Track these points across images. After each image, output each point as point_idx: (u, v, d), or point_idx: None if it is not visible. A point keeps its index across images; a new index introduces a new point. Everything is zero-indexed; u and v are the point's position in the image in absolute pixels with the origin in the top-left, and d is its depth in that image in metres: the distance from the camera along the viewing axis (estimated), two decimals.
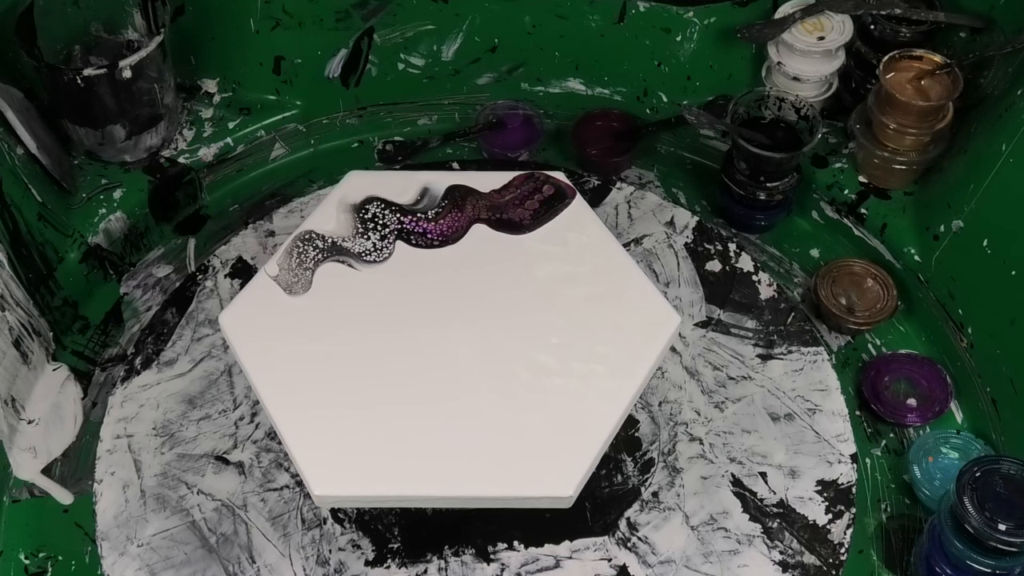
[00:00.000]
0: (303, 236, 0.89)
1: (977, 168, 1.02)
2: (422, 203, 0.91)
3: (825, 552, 0.88)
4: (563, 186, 0.94)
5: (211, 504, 0.90)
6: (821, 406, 0.96)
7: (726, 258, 1.06)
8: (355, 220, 0.90)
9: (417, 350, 0.83)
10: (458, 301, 0.86)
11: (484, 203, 0.92)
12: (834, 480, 0.92)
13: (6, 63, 1.11)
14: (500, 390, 0.81)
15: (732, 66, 1.23)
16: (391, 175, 0.94)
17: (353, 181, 0.93)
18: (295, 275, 0.87)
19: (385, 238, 0.89)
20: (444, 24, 1.24)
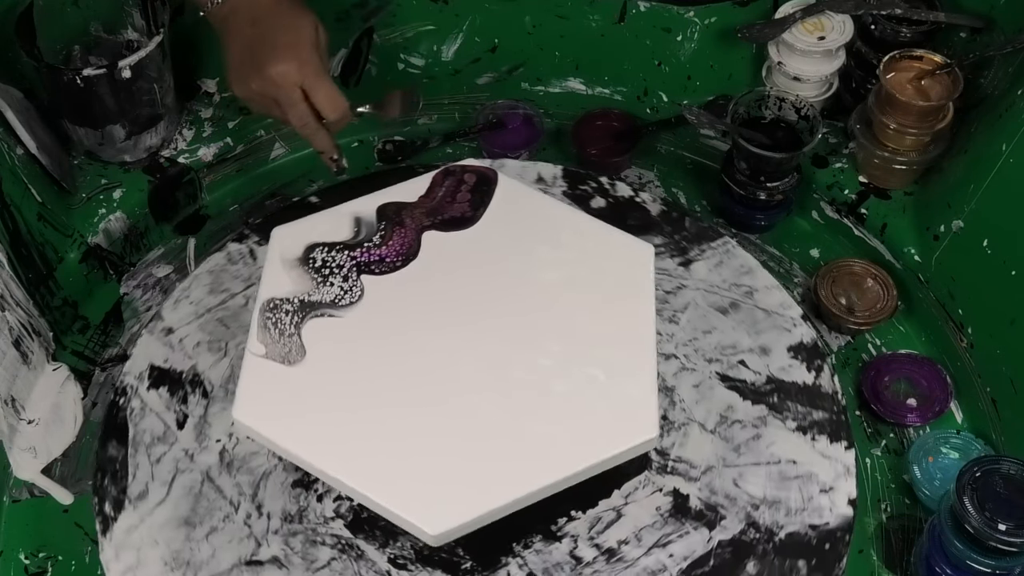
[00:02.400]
0: (267, 307, 0.84)
1: (977, 168, 1.02)
2: (362, 233, 0.89)
3: (827, 404, 0.93)
4: (482, 171, 0.94)
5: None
6: (754, 286, 1.01)
7: (605, 192, 1.07)
8: (308, 272, 0.86)
9: (439, 368, 0.82)
10: (450, 311, 0.85)
11: (420, 211, 0.90)
12: (799, 342, 0.97)
13: (6, 63, 1.11)
14: (530, 376, 0.82)
15: (732, 66, 1.23)
16: (315, 218, 0.91)
17: (283, 236, 0.89)
18: (284, 345, 0.83)
19: (347, 278, 0.86)
20: (444, 24, 1.24)
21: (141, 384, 0.95)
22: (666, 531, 0.86)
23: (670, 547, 0.85)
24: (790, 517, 0.87)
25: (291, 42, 0.97)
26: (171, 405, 0.93)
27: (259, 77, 0.98)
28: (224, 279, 1.01)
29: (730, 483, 0.89)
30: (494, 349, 0.83)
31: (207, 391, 0.94)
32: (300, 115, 1.00)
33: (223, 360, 0.95)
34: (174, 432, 0.91)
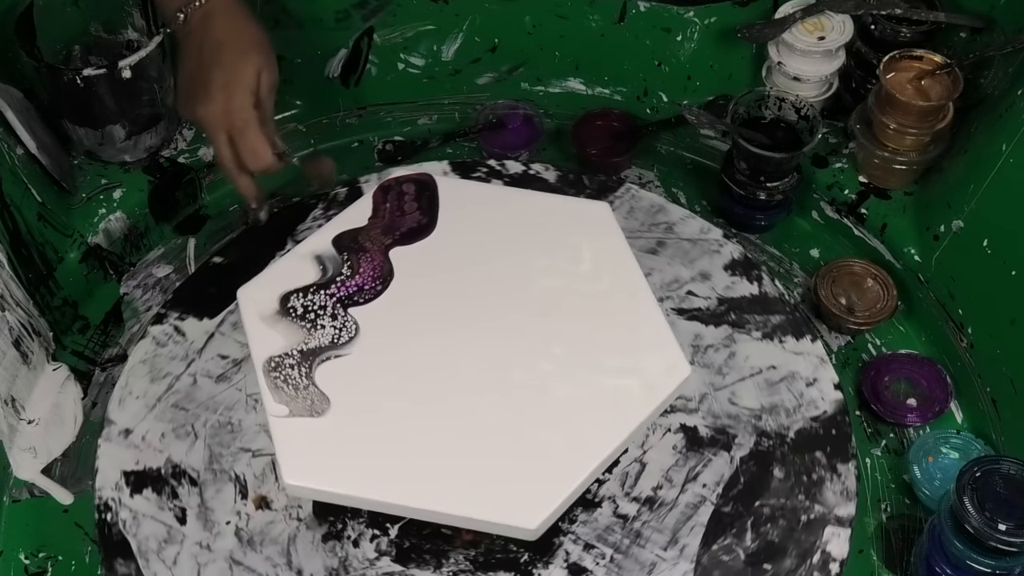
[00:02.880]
0: (270, 367, 0.83)
1: (977, 168, 1.02)
2: (329, 269, 0.88)
3: (779, 308, 0.98)
4: (416, 178, 0.94)
5: None
6: (670, 220, 1.04)
7: (498, 173, 1.07)
8: (294, 322, 0.85)
9: (459, 375, 0.83)
10: (446, 318, 0.86)
11: (376, 232, 0.90)
12: (731, 259, 1.01)
13: (6, 63, 1.11)
14: (550, 361, 0.84)
15: (732, 66, 1.23)
16: (276, 268, 0.89)
17: (251, 295, 0.87)
18: (304, 399, 0.81)
19: (336, 316, 0.85)
20: (444, 24, 1.24)
21: (121, 494, 0.88)
22: (691, 465, 0.89)
23: (700, 478, 0.88)
24: (791, 417, 0.91)
25: (224, 84, 0.95)
26: (163, 504, 0.87)
27: (191, 111, 0.98)
28: (160, 364, 0.94)
29: (727, 403, 0.92)
30: (503, 346, 0.85)
31: (194, 478, 0.88)
32: (221, 157, 0.99)
33: (196, 443, 0.90)
34: (179, 529, 0.86)
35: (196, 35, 0.97)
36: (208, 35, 0.97)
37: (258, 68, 0.97)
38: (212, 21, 0.97)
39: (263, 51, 0.98)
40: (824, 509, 0.86)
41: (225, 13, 0.97)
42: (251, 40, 0.98)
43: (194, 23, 0.97)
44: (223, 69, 0.96)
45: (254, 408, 0.90)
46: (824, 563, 0.84)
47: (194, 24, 0.97)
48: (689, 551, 0.84)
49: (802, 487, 0.87)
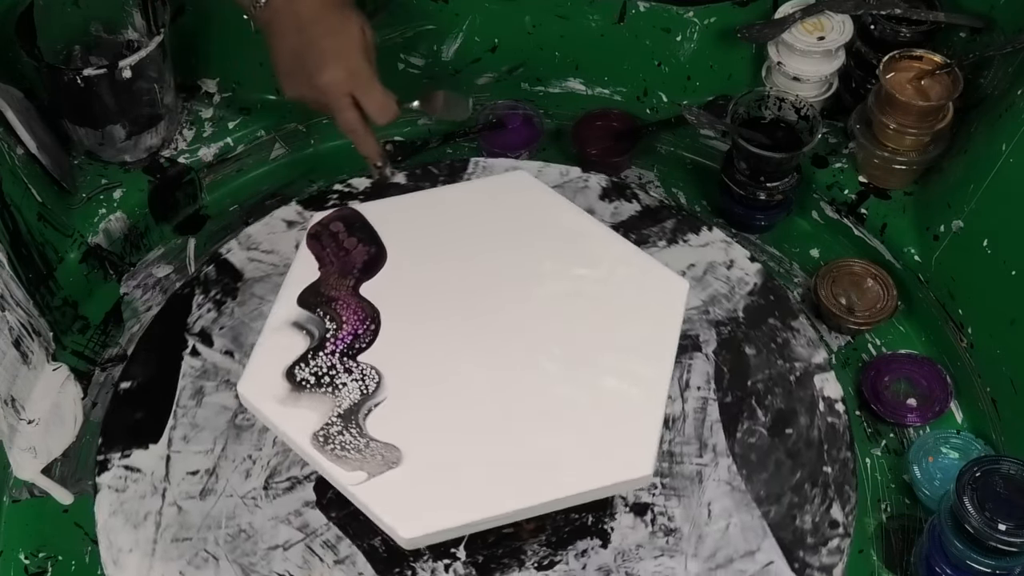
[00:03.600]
0: (319, 443, 0.78)
1: (977, 168, 1.02)
2: (314, 331, 0.84)
3: (664, 213, 1.03)
4: (339, 216, 0.91)
5: None
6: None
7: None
8: (314, 393, 0.81)
9: (499, 389, 0.82)
10: (469, 339, 0.85)
11: (334, 278, 0.87)
12: (600, 188, 1.04)
13: (6, 63, 1.11)
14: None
15: (732, 66, 1.23)
16: (261, 351, 0.83)
17: (254, 387, 0.81)
18: (373, 455, 0.78)
19: (350, 370, 0.82)
20: (444, 24, 1.24)
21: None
22: (677, 376, 0.92)
23: (692, 383, 0.92)
24: (731, 300, 0.97)
25: (338, 49, 0.96)
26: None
27: (309, 85, 0.97)
28: (133, 508, 0.87)
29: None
30: (514, 340, 0.84)
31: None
32: (348, 121, 0.99)
33: (221, 563, 0.84)
34: None
35: (284, 14, 0.97)
36: (300, 9, 0.96)
37: (361, 25, 0.98)
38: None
39: (356, 9, 0.99)
40: (803, 363, 0.93)
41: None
42: (343, 6, 0.98)
43: (278, 4, 0.97)
44: (332, 36, 0.96)
45: (256, 506, 0.86)
46: (830, 407, 0.91)
47: (278, 5, 0.97)
48: (720, 447, 0.88)
49: (775, 353, 0.94)
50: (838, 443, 0.89)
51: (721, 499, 0.86)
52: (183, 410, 0.90)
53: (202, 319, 0.96)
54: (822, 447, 0.89)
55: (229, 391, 0.91)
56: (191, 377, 0.92)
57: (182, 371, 0.93)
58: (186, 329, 0.95)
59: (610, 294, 0.87)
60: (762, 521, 0.85)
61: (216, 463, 0.88)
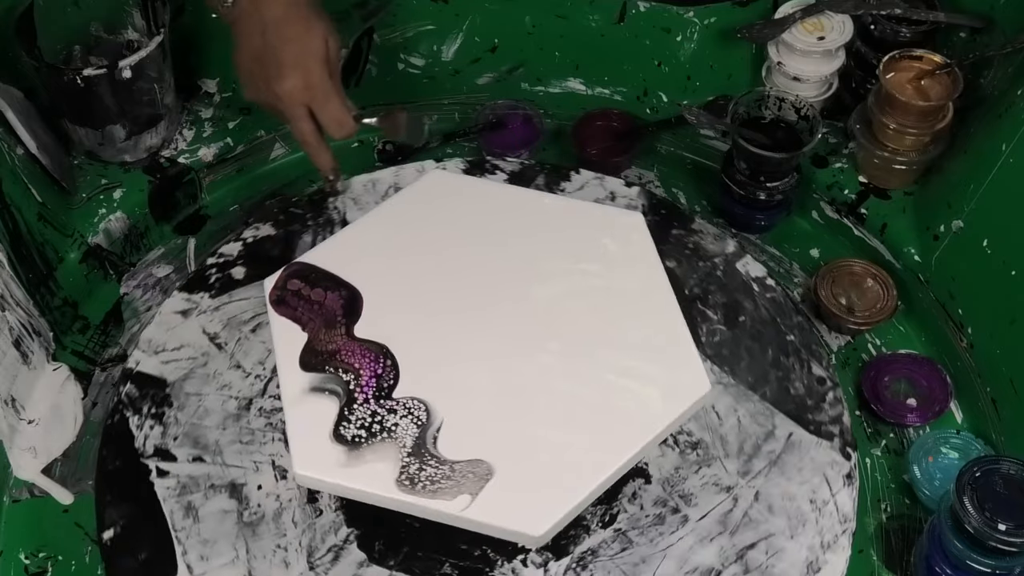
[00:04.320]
0: (407, 486, 0.78)
1: (977, 168, 1.02)
2: (338, 391, 0.83)
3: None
4: (293, 272, 0.90)
5: None
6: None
7: None
8: (372, 445, 0.81)
9: (535, 379, 0.84)
10: (488, 333, 0.86)
11: (322, 333, 0.86)
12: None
13: (6, 63, 1.11)
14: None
15: (732, 66, 1.23)
16: (297, 429, 0.82)
17: (311, 465, 0.80)
18: (464, 476, 0.79)
19: (393, 410, 0.82)
20: (444, 24, 1.24)
21: None
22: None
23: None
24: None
25: (297, 58, 0.95)
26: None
27: (266, 91, 0.97)
28: None
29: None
30: (555, 356, 0.86)
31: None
32: (301, 132, 0.98)
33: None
34: None
35: (250, 16, 0.96)
36: (266, 13, 0.95)
37: (325, 36, 0.96)
38: (266, 1, 0.96)
39: (324, 18, 0.97)
40: (721, 257, 1.00)
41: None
42: (311, 10, 0.97)
43: (244, 4, 0.96)
44: (293, 44, 0.95)
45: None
46: (762, 285, 0.98)
47: (245, 5, 0.96)
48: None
49: (693, 257, 0.99)
50: (785, 312, 0.97)
51: (720, 400, 0.91)
52: (184, 532, 0.85)
53: (150, 439, 0.90)
54: (775, 321, 0.96)
55: (220, 495, 0.87)
56: (173, 498, 0.86)
57: (160, 496, 0.86)
58: (140, 456, 0.89)
59: (587, 255, 0.90)
60: (763, 403, 0.92)
61: (248, 568, 0.83)
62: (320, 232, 1.03)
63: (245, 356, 0.94)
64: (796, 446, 0.90)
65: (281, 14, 0.95)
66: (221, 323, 0.96)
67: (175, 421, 0.91)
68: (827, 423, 0.91)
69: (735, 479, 0.88)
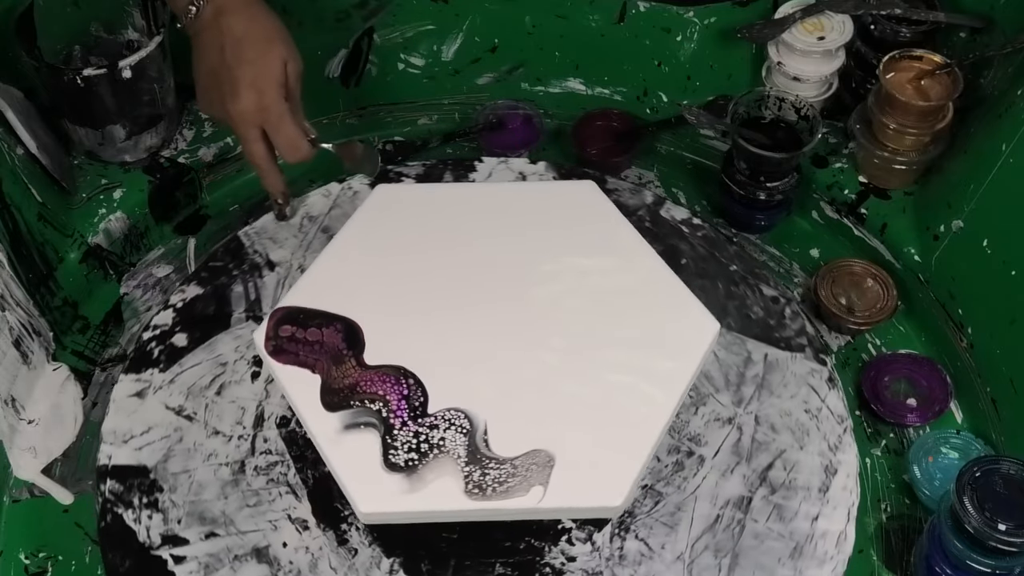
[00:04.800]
0: (476, 493, 0.79)
1: (977, 168, 1.02)
2: (372, 421, 0.82)
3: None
4: (277, 319, 0.87)
5: None
6: None
7: None
8: (427, 466, 0.80)
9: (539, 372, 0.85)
10: (506, 341, 0.86)
11: (334, 371, 0.84)
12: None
13: (6, 63, 1.11)
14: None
15: (732, 66, 1.23)
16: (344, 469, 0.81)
17: (374, 498, 0.79)
18: (529, 470, 0.79)
19: (435, 426, 0.81)
20: (444, 24, 1.24)
21: None
22: None
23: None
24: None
25: (253, 80, 0.93)
26: None
27: (220, 109, 0.96)
28: None
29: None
30: (565, 339, 0.86)
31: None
32: (253, 154, 0.97)
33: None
34: None
35: (211, 31, 0.95)
36: (226, 30, 0.94)
37: (283, 59, 0.95)
38: (228, 15, 0.95)
39: (285, 40, 0.96)
40: (641, 207, 1.04)
41: (240, 6, 0.95)
42: (271, 31, 0.96)
43: (207, 17, 0.95)
44: (249, 64, 0.94)
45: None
46: (689, 224, 1.03)
47: (207, 18, 0.95)
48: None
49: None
50: (720, 245, 1.02)
51: None
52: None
53: (153, 529, 0.86)
54: (714, 255, 1.01)
55: (248, 563, 0.84)
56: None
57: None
58: (148, 549, 0.85)
59: (558, 230, 0.92)
60: (732, 334, 0.96)
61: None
62: (248, 278, 1.01)
63: (220, 420, 0.91)
64: (775, 365, 0.95)
65: (241, 32, 0.94)
66: (182, 394, 0.93)
67: (172, 504, 0.87)
68: (794, 336, 0.97)
69: (732, 410, 0.92)
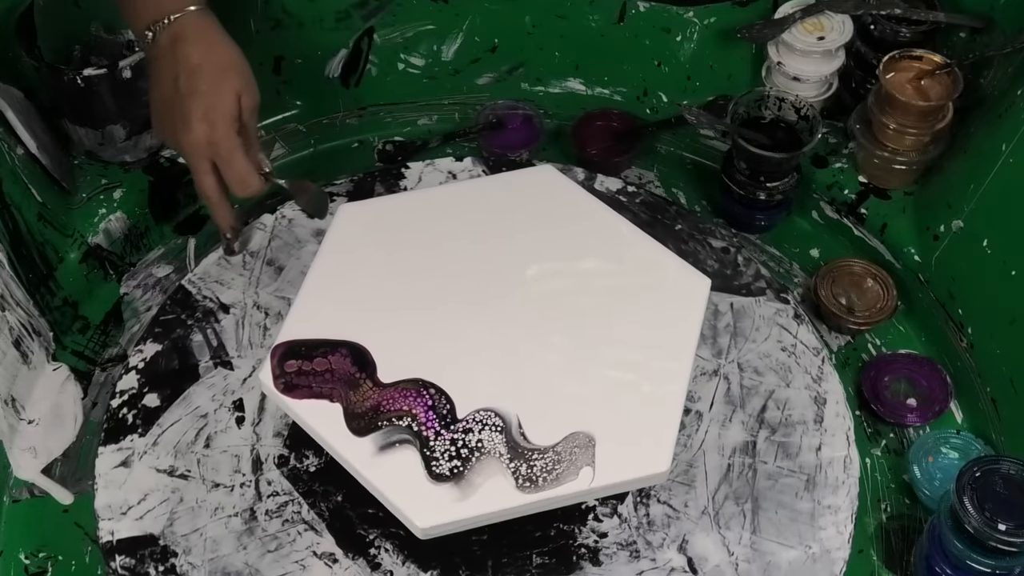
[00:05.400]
0: (528, 489, 0.79)
1: (977, 168, 1.02)
2: (406, 438, 0.81)
3: None
4: (280, 355, 0.85)
5: None
6: None
7: None
8: (472, 471, 0.80)
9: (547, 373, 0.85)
10: (514, 336, 0.87)
11: (351, 395, 0.83)
12: None
13: (6, 63, 1.11)
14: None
15: (732, 66, 1.23)
16: (400, 496, 0.80)
17: (434, 517, 0.79)
18: (560, 452, 0.80)
19: (468, 430, 0.81)
20: (444, 24, 1.24)
21: None
22: None
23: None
24: None
25: (205, 112, 0.91)
26: None
27: (172, 139, 0.94)
28: None
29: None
30: (566, 320, 0.87)
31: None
32: (202, 187, 0.95)
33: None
34: None
35: (167, 58, 0.92)
36: (182, 59, 0.92)
37: (237, 92, 0.92)
38: (184, 44, 0.92)
39: (240, 73, 0.93)
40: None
41: (197, 35, 0.93)
42: (227, 63, 0.93)
43: (163, 43, 0.92)
44: (202, 97, 0.91)
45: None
46: (626, 194, 1.05)
47: (163, 45, 0.92)
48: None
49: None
50: (659, 208, 1.05)
51: None
52: None
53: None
54: (658, 219, 1.04)
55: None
56: None
57: None
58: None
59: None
60: None
61: None
62: (205, 325, 0.99)
63: (216, 472, 0.90)
64: (742, 312, 0.99)
65: (196, 62, 0.92)
66: (169, 455, 0.91)
67: (192, 566, 0.85)
68: (752, 282, 1.01)
69: (715, 362, 0.96)
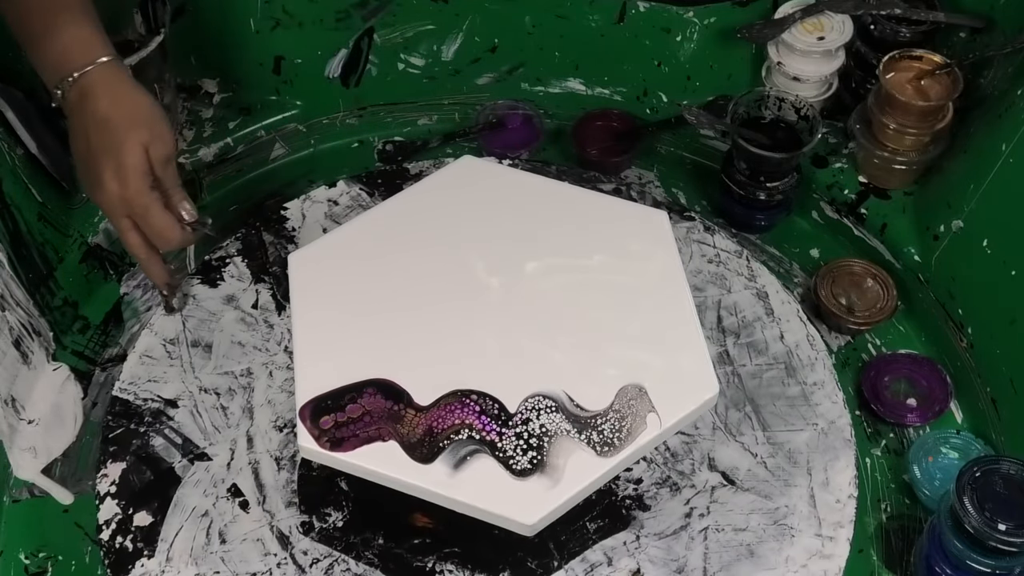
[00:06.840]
0: (610, 451, 0.80)
1: (977, 168, 1.02)
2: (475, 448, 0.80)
3: None
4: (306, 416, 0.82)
5: None
6: None
7: None
8: (555, 449, 0.80)
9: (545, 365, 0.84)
10: (527, 329, 0.86)
11: (398, 427, 0.81)
12: None
13: (6, 63, 1.11)
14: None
15: (732, 66, 1.23)
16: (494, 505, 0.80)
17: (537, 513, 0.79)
18: (612, 414, 0.81)
19: (526, 420, 0.80)
20: (444, 24, 1.24)
21: None
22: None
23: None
24: None
25: (115, 170, 0.89)
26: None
27: (92, 198, 0.93)
28: None
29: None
30: (578, 298, 0.87)
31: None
32: (128, 244, 0.93)
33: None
34: None
35: (78, 115, 0.91)
36: (90, 114, 0.90)
37: (144, 144, 0.90)
38: (92, 97, 0.90)
39: (148, 123, 0.91)
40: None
41: (103, 88, 0.90)
42: (134, 115, 0.91)
43: (73, 100, 0.90)
44: (110, 154, 0.89)
45: None
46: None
47: (73, 101, 0.90)
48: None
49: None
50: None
51: None
52: None
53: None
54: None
55: None
56: None
57: None
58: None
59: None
60: None
61: None
62: (160, 427, 0.93)
63: (246, 563, 0.87)
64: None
65: (103, 117, 0.90)
66: (188, 565, 0.87)
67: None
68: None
69: None
